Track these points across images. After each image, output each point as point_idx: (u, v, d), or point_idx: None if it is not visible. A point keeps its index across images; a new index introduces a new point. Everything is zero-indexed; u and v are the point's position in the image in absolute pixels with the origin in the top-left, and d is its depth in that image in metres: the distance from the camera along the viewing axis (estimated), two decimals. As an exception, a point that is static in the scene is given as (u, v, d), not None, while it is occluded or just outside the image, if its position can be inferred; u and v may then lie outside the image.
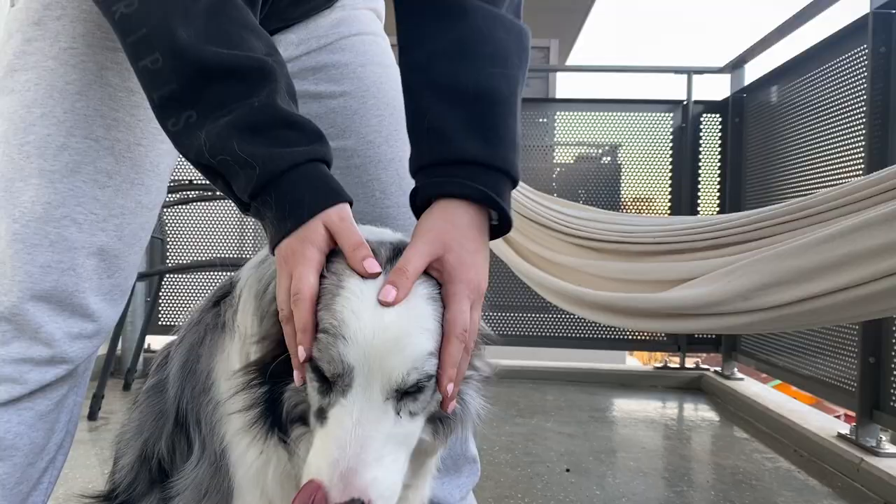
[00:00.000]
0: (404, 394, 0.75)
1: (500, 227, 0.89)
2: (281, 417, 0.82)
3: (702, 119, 4.09)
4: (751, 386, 3.61)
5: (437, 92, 0.91)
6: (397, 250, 0.81)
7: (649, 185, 4.18)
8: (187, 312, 4.19)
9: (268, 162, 0.80)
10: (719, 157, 4.05)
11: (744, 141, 3.80)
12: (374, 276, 0.77)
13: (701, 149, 4.09)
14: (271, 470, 0.88)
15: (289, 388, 0.81)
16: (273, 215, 0.81)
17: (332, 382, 0.75)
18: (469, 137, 0.87)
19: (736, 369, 3.79)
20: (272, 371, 0.81)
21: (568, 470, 2.43)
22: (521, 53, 0.95)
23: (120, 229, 1.08)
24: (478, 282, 0.83)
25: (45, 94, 1.02)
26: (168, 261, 4.13)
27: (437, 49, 0.93)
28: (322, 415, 0.76)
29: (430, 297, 0.78)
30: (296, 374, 0.79)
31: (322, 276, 0.78)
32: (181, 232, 4.14)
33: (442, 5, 0.94)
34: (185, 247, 4.15)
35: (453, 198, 0.86)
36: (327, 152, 0.86)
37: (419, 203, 0.90)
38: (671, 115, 4.13)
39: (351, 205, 0.84)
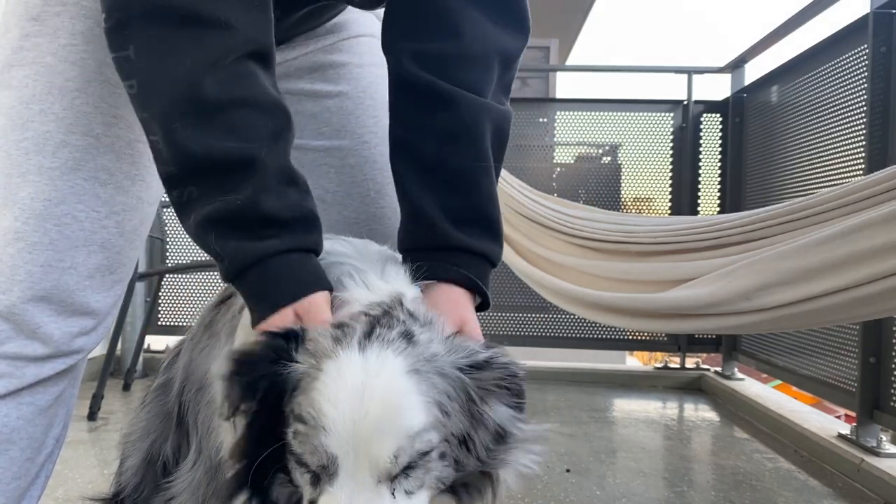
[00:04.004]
0: (397, 473, 0.72)
1: (480, 304, 0.98)
2: None
3: (702, 119, 4.09)
4: (751, 386, 3.61)
5: (421, 177, 0.97)
6: (374, 323, 0.77)
7: (649, 185, 4.18)
8: (187, 313, 4.17)
9: (234, 257, 0.84)
10: (719, 157, 4.05)
11: (744, 141, 3.80)
12: None
13: (701, 149, 4.09)
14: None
15: (275, 488, 0.78)
16: (247, 304, 0.86)
17: (317, 473, 0.72)
18: (453, 226, 0.95)
19: (736, 369, 3.79)
20: (252, 484, 0.78)
21: (568, 470, 2.43)
22: (502, 139, 1.01)
23: (121, 226, 1.07)
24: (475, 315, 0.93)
25: (44, 91, 1.01)
26: (168, 261, 4.13)
27: (424, 135, 0.98)
28: None
29: (412, 369, 0.73)
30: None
31: (288, 359, 0.76)
32: (181, 232, 4.13)
33: (430, 94, 0.98)
34: (185, 247, 4.14)
35: (448, 282, 0.93)
36: (308, 240, 0.89)
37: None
38: (671, 115, 4.13)
39: (331, 291, 0.87)
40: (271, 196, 0.85)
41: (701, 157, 4.09)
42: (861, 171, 2.58)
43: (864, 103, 2.61)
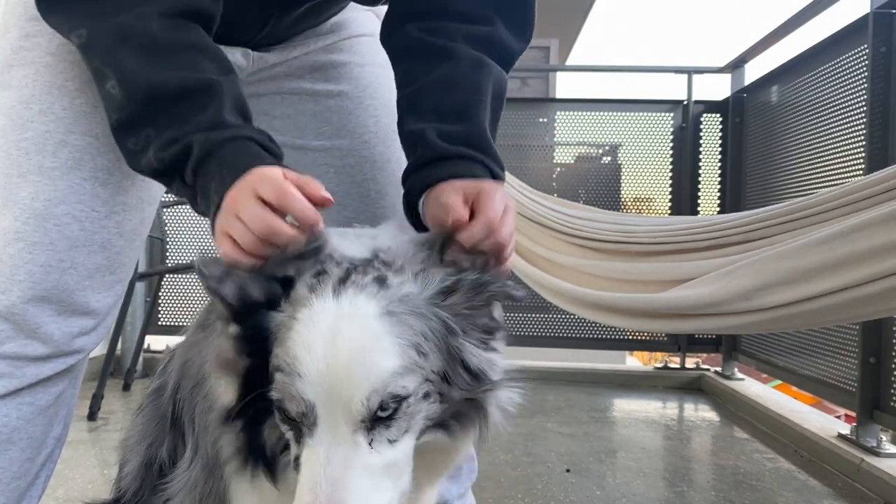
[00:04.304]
0: (375, 421, 0.71)
1: None
2: (268, 455, 0.81)
3: (702, 119, 4.09)
4: (751, 386, 3.61)
5: (421, 115, 0.99)
6: (350, 270, 0.76)
7: (649, 185, 4.18)
8: (187, 313, 4.16)
9: (205, 140, 0.85)
10: (719, 157, 4.05)
11: (744, 141, 3.80)
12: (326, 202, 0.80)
13: (701, 149, 4.09)
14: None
15: (266, 426, 0.79)
16: (215, 182, 0.84)
17: (299, 424, 0.73)
18: (451, 145, 0.94)
19: (736, 369, 3.79)
20: (246, 416, 0.78)
21: (568, 470, 2.43)
22: (500, 94, 1.02)
23: (121, 226, 1.07)
24: (504, 192, 0.90)
25: (44, 91, 1.01)
26: (168, 261, 4.13)
27: (424, 83, 1.00)
28: (297, 463, 0.73)
29: (386, 311, 0.73)
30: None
31: (278, 308, 0.76)
32: (181, 232, 4.14)
33: (432, 49, 1.01)
34: (185, 247, 4.15)
35: (450, 179, 0.91)
36: (273, 147, 0.89)
37: (412, 201, 0.96)
38: (671, 115, 4.13)
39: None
40: (232, 116, 0.87)
41: (701, 157, 4.09)
42: (861, 171, 2.58)
43: (864, 103, 2.61)
